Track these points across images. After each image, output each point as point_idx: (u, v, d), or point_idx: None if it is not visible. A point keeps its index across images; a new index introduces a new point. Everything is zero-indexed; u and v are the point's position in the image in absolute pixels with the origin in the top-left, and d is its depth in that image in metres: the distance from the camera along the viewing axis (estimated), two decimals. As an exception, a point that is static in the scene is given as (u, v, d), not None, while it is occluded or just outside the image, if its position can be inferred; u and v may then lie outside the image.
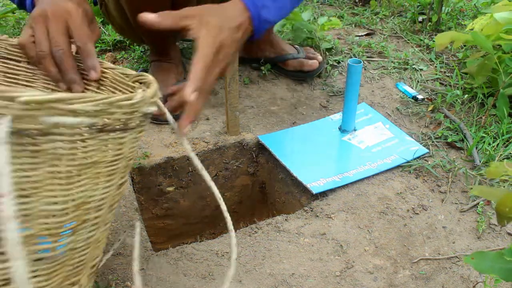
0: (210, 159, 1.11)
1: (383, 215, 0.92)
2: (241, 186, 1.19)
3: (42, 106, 0.43)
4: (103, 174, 0.53)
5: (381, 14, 1.78)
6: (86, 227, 0.55)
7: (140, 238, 0.87)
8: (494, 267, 0.48)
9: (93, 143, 0.50)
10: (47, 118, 0.44)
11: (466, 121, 1.18)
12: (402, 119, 1.21)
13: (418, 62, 1.45)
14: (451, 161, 1.05)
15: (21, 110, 0.42)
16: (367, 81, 1.36)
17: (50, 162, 0.47)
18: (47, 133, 0.46)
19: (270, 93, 1.30)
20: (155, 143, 1.10)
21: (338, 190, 0.98)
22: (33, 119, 0.44)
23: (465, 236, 0.88)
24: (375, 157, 1.06)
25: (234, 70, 1.04)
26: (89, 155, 0.50)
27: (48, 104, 0.43)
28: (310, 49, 1.40)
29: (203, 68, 0.66)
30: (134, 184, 1.04)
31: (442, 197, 0.97)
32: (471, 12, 1.76)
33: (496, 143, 1.09)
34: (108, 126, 0.50)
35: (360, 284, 0.79)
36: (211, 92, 1.29)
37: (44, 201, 0.49)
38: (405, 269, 0.82)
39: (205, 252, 0.84)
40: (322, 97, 1.30)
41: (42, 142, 0.46)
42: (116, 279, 0.78)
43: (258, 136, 1.13)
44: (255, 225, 0.91)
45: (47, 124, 0.45)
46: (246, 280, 0.79)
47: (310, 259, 0.83)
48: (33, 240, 0.50)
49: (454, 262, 0.83)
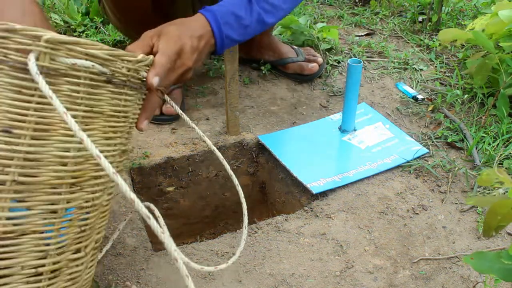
0: (210, 159, 1.11)
1: (383, 215, 0.92)
2: (241, 186, 1.19)
3: (61, 46, 0.49)
4: (109, 129, 0.57)
5: (381, 14, 1.78)
6: (93, 185, 0.57)
7: (141, 238, 0.87)
8: (493, 267, 0.48)
9: (102, 92, 0.54)
10: (65, 58, 0.50)
11: (466, 121, 1.18)
12: (402, 119, 1.21)
13: (418, 62, 1.45)
14: (451, 161, 1.05)
15: (44, 48, 0.48)
16: (367, 81, 1.36)
17: (66, 105, 0.50)
18: (65, 75, 0.50)
19: (270, 93, 1.30)
20: (155, 143, 1.10)
21: (338, 190, 0.98)
22: (53, 58, 0.49)
23: (465, 236, 0.88)
24: (375, 157, 1.06)
25: (234, 70, 1.04)
26: (98, 104, 0.54)
27: (67, 45, 0.49)
28: (310, 49, 1.39)
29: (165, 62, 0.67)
30: (134, 184, 1.04)
31: (442, 197, 0.97)
32: (471, 12, 1.76)
33: (496, 143, 1.09)
34: (115, 79, 0.55)
35: (360, 284, 0.79)
36: (214, 92, 1.29)
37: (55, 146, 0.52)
38: (405, 269, 0.82)
39: (205, 252, 0.84)
40: (322, 97, 1.30)
41: (61, 84, 0.50)
42: (116, 279, 0.78)
43: (258, 136, 1.13)
44: (255, 225, 0.91)
45: (65, 64, 0.50)
46: (246, 280, 0.79)
47: (310, 259, 0.83)
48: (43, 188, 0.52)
49: (454, 262, 0.83)
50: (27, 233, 0.52)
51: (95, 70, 0.52)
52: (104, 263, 0.81)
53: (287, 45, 1.38)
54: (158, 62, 0.65)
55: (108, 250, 0.83)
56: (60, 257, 0.56)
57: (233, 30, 0.83)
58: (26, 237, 0.52)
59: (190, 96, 1.27)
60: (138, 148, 1.08)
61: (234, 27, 0.83)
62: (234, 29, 0.83)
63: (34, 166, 0.51)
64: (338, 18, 1.76)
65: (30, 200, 0.51)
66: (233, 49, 1.01)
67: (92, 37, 1.49)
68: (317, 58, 1.35)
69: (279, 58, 1.34)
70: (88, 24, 1.56)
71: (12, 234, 0.51)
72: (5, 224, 0.50)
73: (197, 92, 1.29)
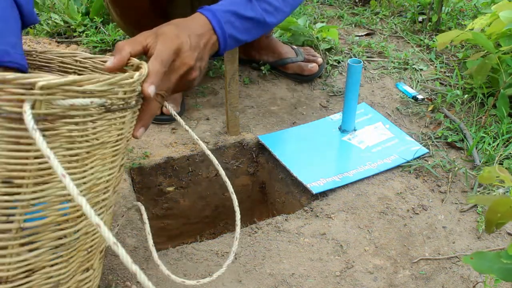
0: (210, 159, 1.10)
1: (383, 215, 0.92)
2: (241, 186, 1.19)
3: (57, 89, 0.46)
4: (109, 155, 0.56)
5: (381, 14, 1.78)
6: (96, 210, 0.57)
7: (141, 238, 0.87)
8: (493, 267, 0.48)
9: (101, 123, 0.52)
10: (62, 101, 0.47)
11: (466, 121, 1.18)
12: (402, 119, 1.21)
13: (418, 62, 1.45)
14: (451, 161, 1.05)
15: (39, 95, 0.45)
16: (367, 81, 1.36)
17: (66, 146, 0.49)
18: (63, 116, 0.48)
19: (270, 93, 1.30)
20: (155, 143, 1.10)
21: (338, 190, 0.98)
22: (50, 103, 0.46)
23: (465, 236, 0.88)
24: (375, 157, 1.06)
25: (234, 70, 1.04)
26: (98, 136, 0.53)
27: (62, 87, 0.46)
28: (310, 49, 1.39)
29: (159, 68, 0.64)
30: (134, 184, 1.04)
31: (442, 197, 0.97)
32: (471, 12, 1.76)
33: (496, 143, 1.09)
34: (114, 106, 0.53)
35: (360, 284, 0.79)
36: (214, 92, 1.29)
37: (60, 186, 0.50)
38: (405, 269, 0.82)
39: (205, 252, 0.84)
40: (322, 97, 1.30)
41: (59, 126, 0.48)
42: (116, 279, 0.78)
43: (258, 136, 1.13)
44: (255, 225, 0.91)
45: (63, 107, 0.47)
46: (246, 280, 0.79)
47: (310, 259, 0.83)
48: (50, 227, 0.52)
49: (454, 262, 0.83)
50: (36, 270, 0.52)
51: (94, 105, 0.50)
52: (104, 263, 0.81)
53: (287, 45, 1.38)
54: (152, 70, 0.62)
55: (108, 250, 0.83)
56: (70, 282, 0.57)
57: (235, 29, 0.81)
58: (37, 274, 0.53)
59: (190, 96, 1.27)
60: (138, 148, 1.08)
61: (236, 26, 0.81)
62: (237, 28, 0.81)
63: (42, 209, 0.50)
64: (338, 18, 1.76)
65: (38, 241, 0.51)
66: (233, 49, 1.01)
67: (92, 37, 1.49)
68: (317, 58, 1.35)
69: (278, 58, 1.34)
70: (88, 24, 1.56)
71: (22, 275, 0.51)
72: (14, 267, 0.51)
73: (197, 92, 1.29)
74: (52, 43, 1.52)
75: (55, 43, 1.52)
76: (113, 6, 1.11)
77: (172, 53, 0.67)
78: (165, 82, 0.67)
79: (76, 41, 1.52)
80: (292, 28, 1.47)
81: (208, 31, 0.76)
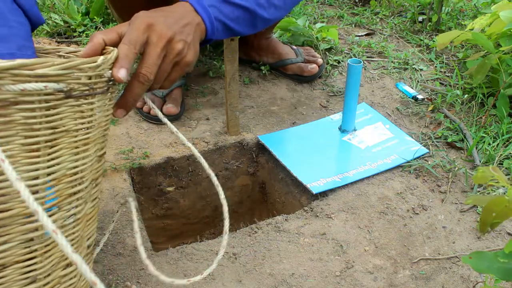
0: (210, 159, 1.11)
1: (383, 215, 0.92)
2: (241, 186, 1.19)
3: (5, 73, 0.43)
4: (79, 144, 0.53)
5: (381, 14, 1.78)
6: (71, 202, 0.55)
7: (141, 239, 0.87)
8: (492, 267, 0.48)
9: (63, 110, 0.50)
10: (12, 86, 0.44)
11: (466, 121, 1.18)
12: (402, 119, 1.21)
13: (418, 62, 1.45)
14: (451, 161, 1.05)
15: None
16: (367, 81, 1.36)
17: (23, 134, 0.47)
18: (15, 103, 0.45)
19: (270, 93, 1.30)
20: (155, 143, 1.10)
21: (338, 190, 0.98)
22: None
23: (465, 236, 0.88)
24: (375, 157, 1.06)
25: (234, 70, 1.04)
26: (61, 123, 0.50)
27: (11, 70, 0.43)
28: (310, 49, 1.39)
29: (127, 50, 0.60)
30: (134, 184, 1.05)
31: (442, 197, 0.97)
32: (471, 12, 1.76)
33: (496, 143, 1.09)
34: (75, 91, 0.50)
35: (360, 284, 0.79)
36: (214, 92, 1.29)
37: (22, 177, 0.48)
38: (405, 269, 0.82)
39: (205, 252, 0.84)
40: (322, 97, 1.30)
41: (12, 113, 0.45)
42: (116, 279, 0.78)
43: (258, 136, 1.13)
44: (255, 225, 0.91)
45: (14, 92, 0.44)
46: (246, 280, 0.79)
47: (310, 259, 0.83)
48: (17, 220, 0.50)
49: (454, 262, 0.83)
50: (8, 265, 0.51)
51: (50, 91, 0.47)
52: (104, 263, 0.81)
53: (287, 46, 1.38)
54: (120, 53, 0.58)
55: (108, 250, 0.83)
56: (50, 278, 0.55)
57: (223, 15, 0.76)
58: (9, 269, 0.51)
59: (190, 96, 1.27)
60: (138, 148, 1.08)
61: (224, 12, 0.76)
62: (225, 14, 0.76)
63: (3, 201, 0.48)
64: (338, 18, 1.76)
65: (6, 234, 0.49)
66: (233, 49, 1.01)
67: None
68: (317, 59, 1.35)
69: (278, 59, 1.34)
70: (88, 24, 1.56)
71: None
72: None
73: (197, 92, 1.29)
74: (52, 43, 1.52)
75: (55, 43, 1.52)
76: (110, 5, 1.12)
77: (142, 31, 0.63)
78: (148, 61, 0.63)
79: (76, 41, 1.52)
80: (291, 28, 1.47)
81: (189, 12, 0.71)
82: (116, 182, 0.98)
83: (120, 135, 1.12)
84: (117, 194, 0.96)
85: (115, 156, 1.06)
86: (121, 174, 1.01)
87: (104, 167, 0.62)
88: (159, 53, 0.64)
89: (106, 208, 0.92)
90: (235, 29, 0.80)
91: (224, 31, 0.78)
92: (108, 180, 0.99)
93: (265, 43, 1.34)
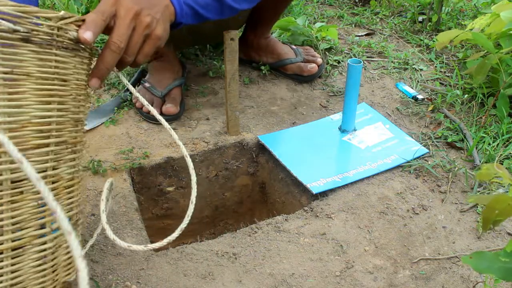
0: (210, 159, 1.11)
1: (383, 215, 0.92)
2: (241, 186, 1.19)
3: None
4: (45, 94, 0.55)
5: (381, 14, 1.78)
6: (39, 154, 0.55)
7: (141, 238, 0.87)
8: (492, 267, 0.48)
9: (22, 52, 0.51)
10: None
11: (466, 121, 1.18)
12: (402, 119, 1.21)
13: (418, 62, 1.45)
14: (451, 161, 1.05)
15: None
16: (367, 81, 1.36)
17: None
18: None
19: (270, 93, 1.30)
20: (155, 143, 1.10)
21: (338, 190, 0.98)
22: None
23: (465, 236, 0.88)
24: (375, 157, 1.06)
25: (234, 70, 1.04)
26: (21, 65, 0.51)
27: None
28: (309, 49, 1.39)
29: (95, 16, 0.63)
30: (134, 184, 1.05)
31: (442, 197, 0.97)
32: (471, 12, 1.76)
33: (496, 143, 1.09)
34: (34, 37, 0.52)
35: (360, 284, 0.79)
36: (214, 92, 1.29)
37: None
38: (405, 269, 0.82)
39: (205, 252, 0.84)
40: (322, 97, 1.30)
41: None
42: (116, 279, 0.78)
43: (258, 136, 1.13)
44: (255, 225, 0.91)
45: None
46: (246, 280, 0.79)
47: (310, 259, 0.83)
48: None
49: (454, 262, 0.83)
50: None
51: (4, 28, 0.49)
52: (104, 263, 0.81)
53: (286, 45, 1.38)
54: (88, 18, 0.61)
55: (108, 250, 0.83)
56: (19, 234, 0.54)
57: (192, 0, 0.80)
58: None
59: (190, 96, 1.27)
60: (138, 148, 1.08)
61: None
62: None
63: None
64: (338, 18, 1.76)
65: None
66: (233, 49, 1.01)
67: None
68: (316, 58, 1.35)
69: (278, 59, 1.34)
70: (88, 24, 1.56)
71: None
72: None
73: (197, 92, 1.29)
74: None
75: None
76: None
77: (110, 4, 0.66)
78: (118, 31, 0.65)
79: (76, 41, 1.52)
80: (291, 27, 1.47)
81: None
82: (116, 182, 0.98)
83: (120, 135, 1.12)
84: (117, 194, 0.96)
85: (115, 156, 1.06)
86: (121, 174, 1.01)
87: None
88: (128, 24, 0.67)
89: (106, 208, 0.92)
90: (204, 15, 0.85)
91: (193, 16, 0.83)
92: (108, 180, 0.99)
93: (265, 42, 1.34)
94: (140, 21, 0.68)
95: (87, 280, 0.37)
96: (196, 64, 1.41)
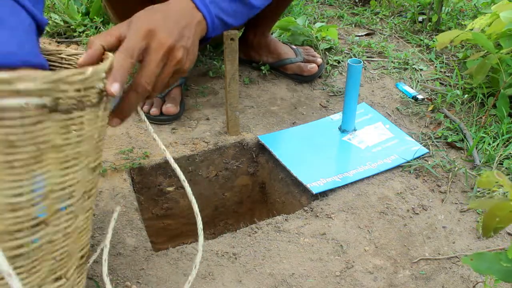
0: (210, 159, 1.11)
1: (383, 215, 0.92)
2: (241, 186, 1.19)
3: None
4: (67, 158, 0.50)
5: (381, 14, 1.78)
6: (60, 217, 0.52)
7: (141, 238, 0.87)
8: (492, 268, 0.48)
9: (49, 125, 0.46)
10: None
11: (466, 121, 1.18)
12: (402, 119, 1.21)
13: (418, 62, 1.45)
14: (451, 161, 1.05)
15: None
16: (367, 81, 1.36)
17: (4, 151, 0.43)
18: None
19: (270, 93, 1.30)
20: (155, 143, 1.10)
21: (338, 190, 0.98)
22: None
23: (465, 236, 0.88)
24: (375, 157, 1.06)
25: (234, 70, 1.04)
26: (47, 139, 0.46)
27: None
28: (309, 49, 1.39)
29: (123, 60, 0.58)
30: (134, 184, 1.05)
31: (442, 197, 0.97)
32: (471, 12, 1.76)
33: (496, 143, 1.09)
34: (61, 105, 0.46)
35: (360, 284, 0.79)
36: (214, 92, 1.29)
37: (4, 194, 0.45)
38: (405, 269, 0.82)
39: (205, 252, 0.84)
40: (322, 97, 1.30)
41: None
42: (116, 279, 0.78)
43: (258, 136, 1.13)
44: (255, 225, 0.91)
45: None
46: (246, 280, 0.79)
47: (310, 259, 0.83)
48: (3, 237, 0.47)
49: (454, 262, 0.83)
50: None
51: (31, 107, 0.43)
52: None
53: (286, 45, 1.38)
54: (116, 63, 0.55)
55: (108, 250, 0.83)
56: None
57: (222, 11, 0.74)
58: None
59: (190, 96, 1.27)
60: (138, 148, 1.08)
61: (222, 8, 0.74)
62: (223, 9, 0.74)
63: None
64: (338, 18, 1.76)
65: None
66: (233, 49, 1.01)
67: (92, 37, 1.49)
68: (316, 58, 1.35)
69: (278, 59, 1.34)
70: (88, 24, 1.56)
71: None
72: None
73: (197, 92, 1.29)
74: (52, 43, 1.52)
75: (55, 43, 1.52)
76: (106, 4, 1.12)
77: (141, 37, 0.60)
78: (147, 72, 0.61)
79: (76, 41, 1.52)
80: (291, 27, 1.47)
81: (190, 10, 0.69)
82: (116, 182, 0.98)
83: (120, 135, 1.12)
84: (117, 194, 0.96)
85: (115, 156, 1.06)
86: (121, 174, 1.01)
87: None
88: (158, 63, 0.62)
89: (106, 208, 0.92)
90: (231, 24, 0.79)
91: (222, 28, 0.77)
92: (108, 180, 0.99)
93: (265, 42, 1.34)
94: (172, 57, 0.63)
95: None
96: (196, 64, 1.41)
